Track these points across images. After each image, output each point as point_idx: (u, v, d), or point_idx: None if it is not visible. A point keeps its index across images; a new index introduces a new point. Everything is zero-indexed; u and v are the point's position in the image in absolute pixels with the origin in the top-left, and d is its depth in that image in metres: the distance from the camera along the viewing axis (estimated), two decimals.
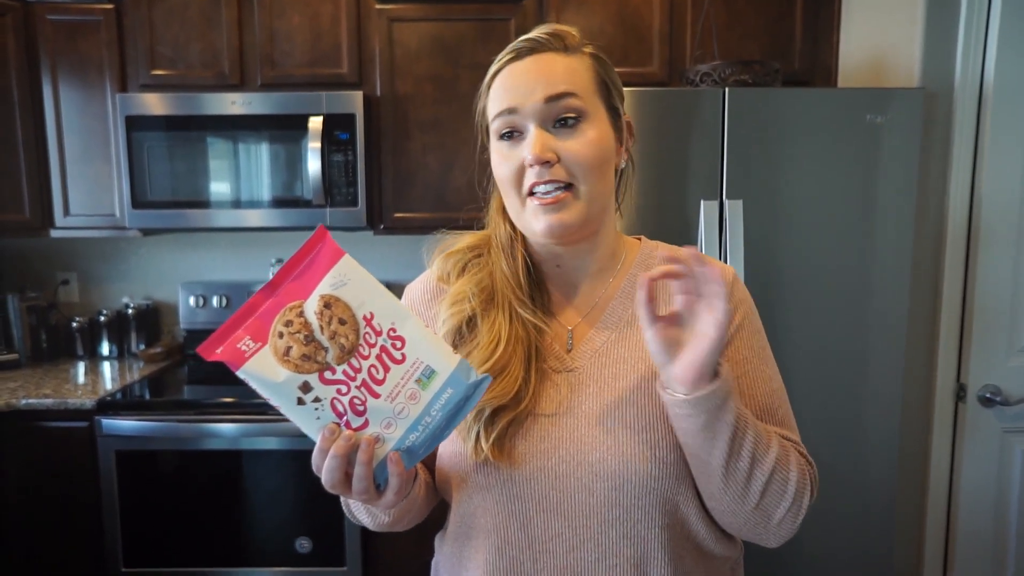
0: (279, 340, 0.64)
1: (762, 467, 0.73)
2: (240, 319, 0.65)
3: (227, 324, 0.64)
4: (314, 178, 2.15)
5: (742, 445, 0.72)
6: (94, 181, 2.28)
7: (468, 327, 0.83)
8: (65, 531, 2.06)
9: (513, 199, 0.81)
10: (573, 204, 0.79)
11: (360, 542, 2.05)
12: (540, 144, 0.77)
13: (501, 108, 0.79)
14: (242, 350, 0.64)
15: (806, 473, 0.77)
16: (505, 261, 0.86)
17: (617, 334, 0.84)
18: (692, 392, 0.70)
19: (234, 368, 0.63)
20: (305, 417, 0.66)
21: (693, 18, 2.19)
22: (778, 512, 0.75)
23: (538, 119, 0.78)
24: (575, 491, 0.77)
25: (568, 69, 0.79)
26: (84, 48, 2.23)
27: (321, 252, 0.66)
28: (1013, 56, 1.81)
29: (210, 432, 2.00)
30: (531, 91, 0.78)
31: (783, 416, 0.83)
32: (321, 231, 0.67)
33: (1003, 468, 1.95)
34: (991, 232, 1.87)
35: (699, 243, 1.80)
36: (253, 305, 0.65)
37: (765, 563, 1.84)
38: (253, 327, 0.64)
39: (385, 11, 2.21)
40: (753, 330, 0.86)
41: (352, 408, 0.65)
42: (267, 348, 0.64)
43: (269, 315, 0.65)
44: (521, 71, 0.79)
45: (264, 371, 0.63)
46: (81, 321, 2.54)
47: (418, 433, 0.67)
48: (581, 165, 0.78)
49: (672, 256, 0.68)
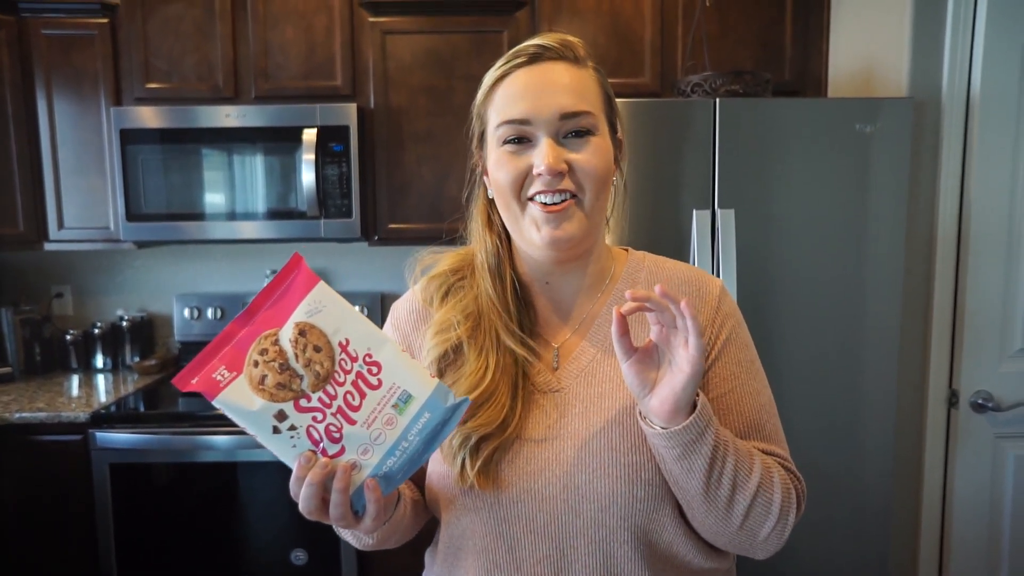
0: (254, 369, 0.64)
1: (744, 492, 0.73)
2: (216, 348, 0.64)
3: (203, 353, 0.64)
4: (308, 190, 2.16)
5: (721, 473, 0.72)
6: (88, 194, 2.28)
7: (454, 352, 0.82)
8: (59, 544, 2.05)
9: (512, 207, 0.79)
10: (576, 215, 0.78)
11: (356, 555, 2.04)
12: (554, 155, 0.76)
13: (511, 117, 0.77)
14: (217, 380, 0.63)
15: (791, 491, 0.77)
16: (491, 284, 0.84)
17: (604, 352, 0.83)
18: (669, 425, 0.70)
19: (209, 398, 0.63)
20: (281, 445, 0.65)
21: (684, 29, 2.21)
22: (763, 531, 0.75)
23: (551, 131, 0.77)
24: (562, 513, 0.77)
25: (581, 83, 0.79)
26: (78, 62, 2.24)
27: (296, 279, 0.66)
28: (998, 65, 1.83)
29: (205, 444, 1.99)
30: (546, 104, 0.76)
31: (771, 431, 0.82)
32: (296, 258, 0.67)
33: (996, 473, 1.95)
34: (980, 239, 1.89)
35: (691, 253, 1.81)
36: (229, 334, 0.65)
37: (758, 572, 1.84)
38: (228, 356, 0.64)
39: (379, 24, 2.23)
40: (741, 344, 0.85)
41: (328, 435, 0.65)
42: (242, 377, 0.63)
43: (244, 344, 0.64)
44: (533, 80, 0.78)
45: (239, 400, 0.63)
46: (75, 334, 2.53)
47: (395, 458, 0.66)
48: (590, 176, 0.77)
49: (641, 296, 0.67)
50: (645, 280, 0.88)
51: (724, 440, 0.72)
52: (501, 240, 0.86)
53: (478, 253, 0.87)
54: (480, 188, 0.88)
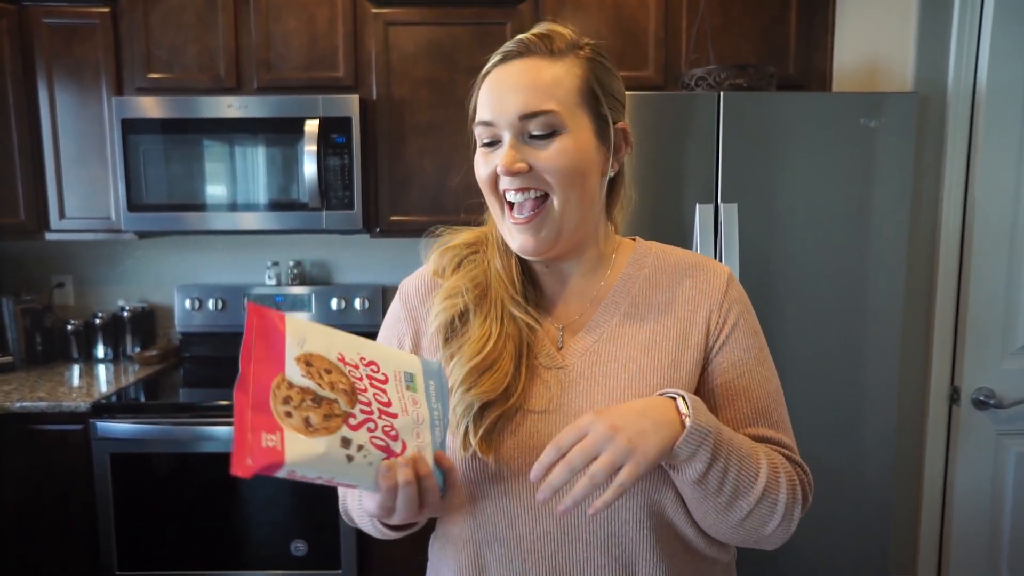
0: (291, 419, 0.62)
1: (747, 498, 0.73)
2: (242, 428, 0.60)
3: (236, 441, 0.60)
4: (310, 181, 2.15)
5: (723, 483, 0.72)
6: (90, 184, 2.28)
7: (460, 321, 0.84)
8: (59, 534, 2.05)
9: (494, 206, 0.83)
10: (547, 220, 0.79)
11: (356, 545, 2.05)
12: (511, 156, 0.77)
13: (480, 118, 0.81)
14: (269, 447, 0.59)
15: (796, 487, 0.77)
16: (500, 259, 0.86)
17: (608, 333, 0.84)
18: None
19: (278, 468, 0.60)
20: (360, 469, 0.65)
21: (688, 22, 2.20)
22: (766, 529, 0.76)
23: (513, 132, 0.78)
24: (562, 490, 0.78)
25: (551, 79, 0.77)
26: (80, 51, 2.23)
27: (265, 326, 0.65)
28: (1005, 60, 1.82)
29: (206, 435, 1.99)
30: (506, 105, 0.78)
31: (778, 418, 0.82)
32: (251, 309, 0.65)
33: (997, 470, 1.95)
34: (984, 235, 1.88)
35: (694, 247, 1.81)
36: (241, 407, 0.61)
37: (759, 565, 1.84)
38: (259, 424, 0.60)
39: (381, 15, 2.22)
40: (749, 331, 0.85)
41: (388, 437, 0.67)
42: (288, 432, 0.61)
43: (262, 405, 0.61)
44: (503, 80, 0.79)
45: (305, 451, 0.61)
46: (76, 324, 2.53)
47: (437, 427, 0.72)
48: (554, 172, 0.77)
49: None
50: (651, 266, 0.88)
51: (724, 450, 0.72)
52: None
53: (491, 232, 0.89)
54: None
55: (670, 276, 0.87)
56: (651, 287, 0.86)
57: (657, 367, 0.81)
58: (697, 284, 0.85)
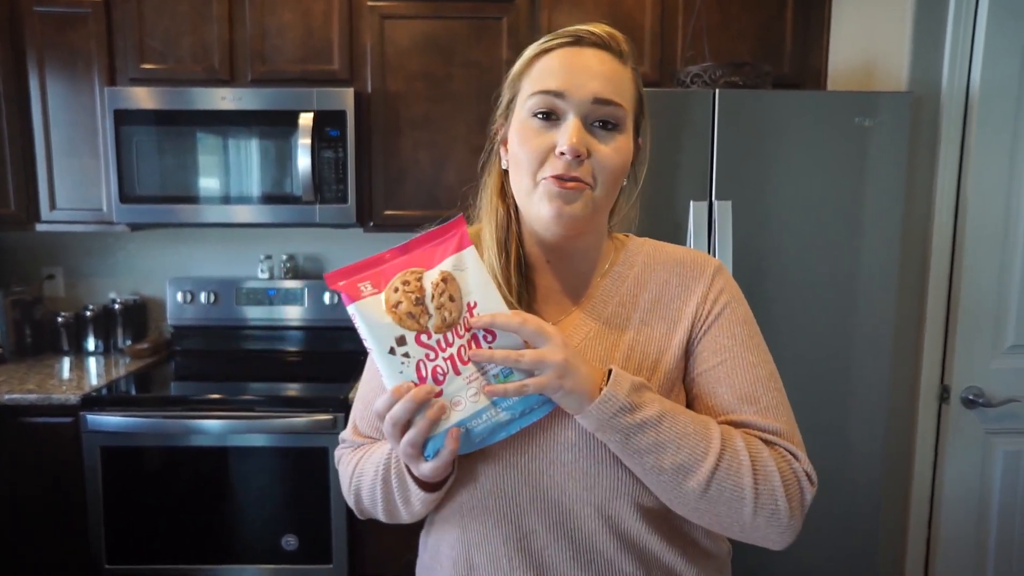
0: (393, 293, 0.71)
1: (695, 475, 0.72)
2: (367, 266, 0.72)
3: (355, 266, 0.72)
4: (304, 174, 2.14)
5: (652, 455, 0.73)
6: (81, 175, 2.26)
7: None
8: (49, 528, 2.04)
9: (526, 179, 0.79)
10: (585, 198, 0.78)
11: (346, 539, 2.04)
12: (578, 136, 0.76)
13: (547, 87, 0.78)
14: (360, 289, 0.71)
15: (774, 474, 0.75)
16: (496, 256, 0.85)
17: (596, 331, 0.84)
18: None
19: (348, 301, 0.70)
20: (390, 366, 0.71)
21: (685, 20, 2.20)
22: (743, 514, 0.74)
23: (581, 112, 0.77)
24: (548, 488, 0.78)
25: (621, 78, 0.80)
26: (72, 41, 2.21)
27: (454, 236, 0.73)
28: (998, 62, 1.83)
29: (196, 428, 1.99)
30: (585, 83, 0.77)
31: (768, 403, 0.81)
32: (460, 220, 0.74)
33: (985, 469, 1.97)
34: (976, 235, 1.89)
35: (688, 244, 1.81)
36: (380, 259, 0.73)
37: (750, 564, 1.85)
38: (375, 276, 0.72)
39: (377, 8, 2.21)
40: (736, 319, 0.84)
41: (433, 375, 0.71)
42: (380, 296, 0.71)
43: (391, 271, 0.72)
44: (574, 59, 0.79)
45: (372, 312, 0.70)
46: (67, 316, 2.52)
47: (481, 421, 0.72)
48: (606, 169, 0.78)
49: (485, 321, 0.72)
50: (643, 262, 0.88)
51: (650, 421, 0.72)
52: (510, 213, 0.86)
53: (486, 224, 0.87)
54: (495, 158, 0.88)
55: (659, 273, 0.87)
56: (640, 285, 0.86)
57: (644, 358, 0.81)
58: (684, 279, 0.86)
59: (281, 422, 1.99)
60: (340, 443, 0.96)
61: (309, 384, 2.27)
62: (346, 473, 0.90)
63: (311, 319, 2.54)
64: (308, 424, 1.99)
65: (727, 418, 0.80)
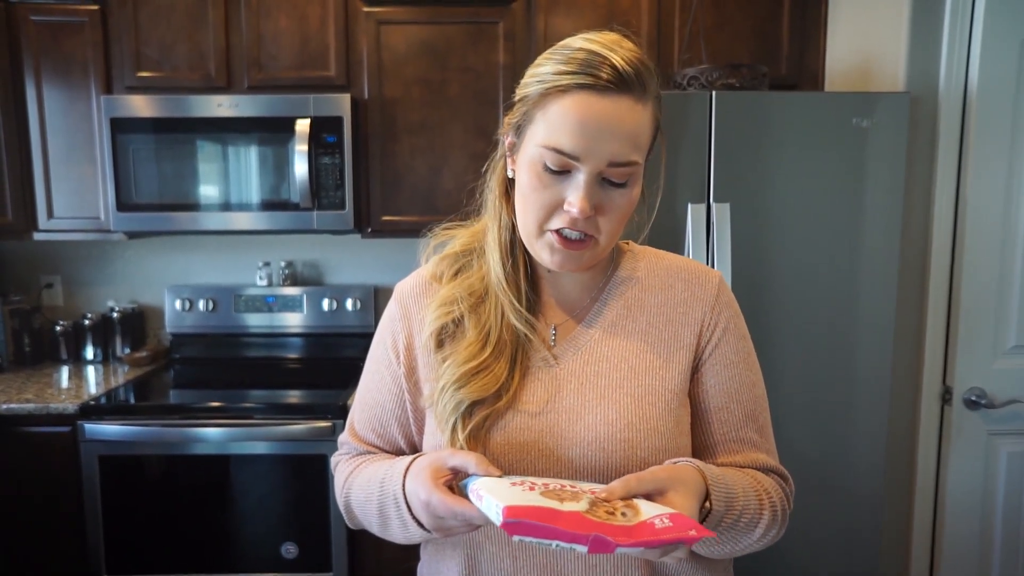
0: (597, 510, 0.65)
1: (747, 541, 0.79)
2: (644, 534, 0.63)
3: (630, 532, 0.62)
4: (301, 181, 2.14)
5: (731, 543, 0.78)
6: (78, 183, 2.26)
7: (455, 325, 0.85)
8: (47, 537, 2.03)
9: (532, 224, 0.79)
10: (591, 251, 0.79)
11: (346, 548, 2.03)
12: (588, 199, 0.75)
13: (562, 148, 0.74)
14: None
15: (777, 507, 0.81)
16: (502, 262, 0.85)
17: (600, 333, 0.85)
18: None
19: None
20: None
21: (681, 22, 2.20)
22: (748, 546, 0.80)
23: (594, 171, 0.75)
24: None
25: (639, 127, 0.76)
26: (68, 49, 2.21)
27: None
28: (996, 61, 1.82)
29: (196, 437, 1.98)
30: (601, 146, 0.73)
31: (763, 423, 0.86)
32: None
33: (989, 470, 1.96)
34: (976, 235, 1.88)
35: (686, 246, 1.80)
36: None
37: (751, 565, 1.84)
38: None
39: (373, 14, 2.21)
40: (739, 335, 0.87)
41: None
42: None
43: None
44: (599, 117, 0.73)
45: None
46: (65, 325, 2.51)
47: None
48: (613, 220, 0.78)
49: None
50: (644, 270, 0.90)
51: (733, 517, 0.76)
52: (515, 220, 0.85)
53: (490, 229, 0.87)
54: (502, 160, 0.86)
55: (662, 280, 0.88)
56: (644, 290, 0.88)
57: (648, 367, 0.83)
58: (689, 287, 0.87)
59: (280, 429, 1.98)
60: (339, 446, 0.96)
61: (308, 391, 2.26)
62: (339, 483, 0.91)
63: (310, 326, 2.54)
64: (307, 431, 1.98)
65: (737, 435, 0.85)
